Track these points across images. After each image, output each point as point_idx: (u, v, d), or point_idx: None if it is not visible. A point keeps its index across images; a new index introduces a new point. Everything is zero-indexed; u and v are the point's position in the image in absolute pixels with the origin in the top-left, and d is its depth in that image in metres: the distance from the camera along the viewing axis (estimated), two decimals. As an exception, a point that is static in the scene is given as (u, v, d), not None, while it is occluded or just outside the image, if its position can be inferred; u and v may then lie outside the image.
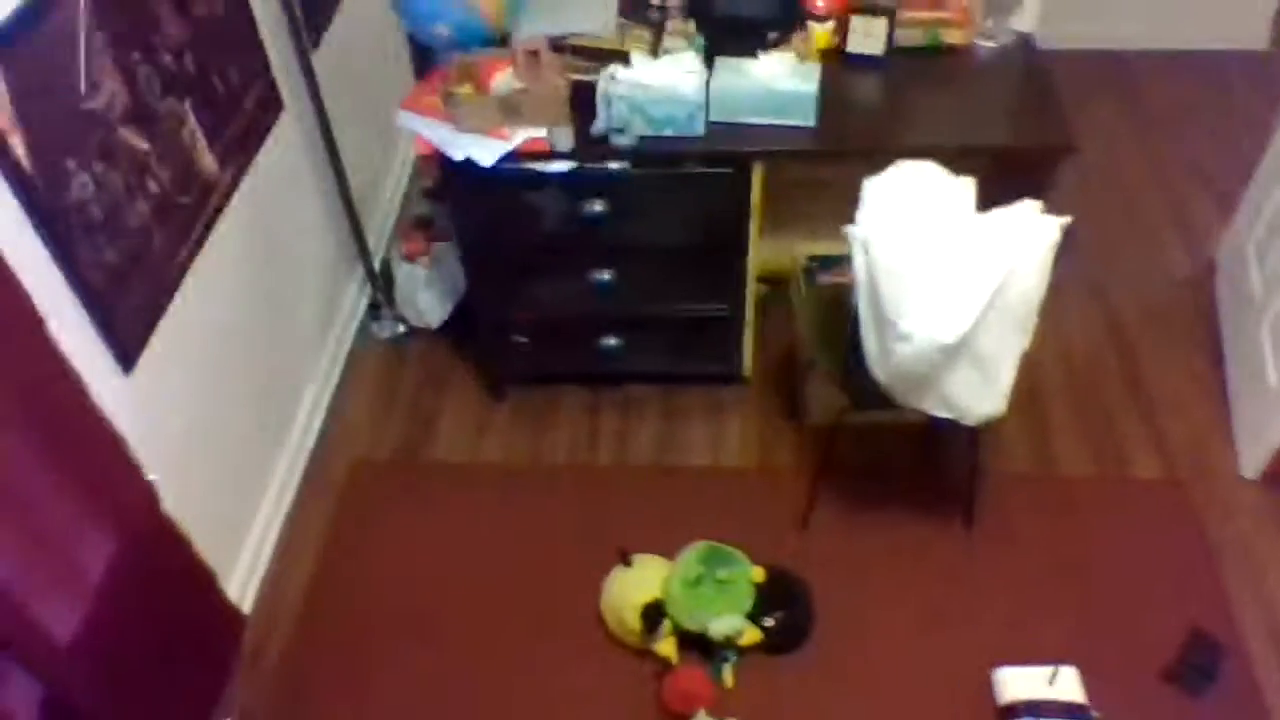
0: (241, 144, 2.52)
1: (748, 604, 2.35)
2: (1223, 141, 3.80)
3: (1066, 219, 1.92)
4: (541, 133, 2.37)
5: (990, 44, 2.67)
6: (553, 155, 2.40)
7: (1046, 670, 2.28)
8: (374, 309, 3.31)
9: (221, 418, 2.48)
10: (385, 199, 3.66)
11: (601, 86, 2.33)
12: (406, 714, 2.35)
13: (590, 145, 2.39)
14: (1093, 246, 3.41)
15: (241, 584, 2.56)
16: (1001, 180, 2.23)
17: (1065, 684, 2.26)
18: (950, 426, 2.27)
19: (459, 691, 2.38)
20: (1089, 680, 2.28)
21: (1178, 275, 3.32)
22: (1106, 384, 2.99)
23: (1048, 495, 2.71)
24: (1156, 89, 4.10)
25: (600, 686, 2.37)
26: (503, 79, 2.35)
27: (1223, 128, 3.87)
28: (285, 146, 2.79)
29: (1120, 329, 3.15)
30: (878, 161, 2.13)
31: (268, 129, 2.68)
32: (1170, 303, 3.22)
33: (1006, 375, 2.07)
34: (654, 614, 2.34)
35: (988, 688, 2.31)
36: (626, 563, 2.45)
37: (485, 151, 2.34)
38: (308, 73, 2.79)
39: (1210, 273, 3.27)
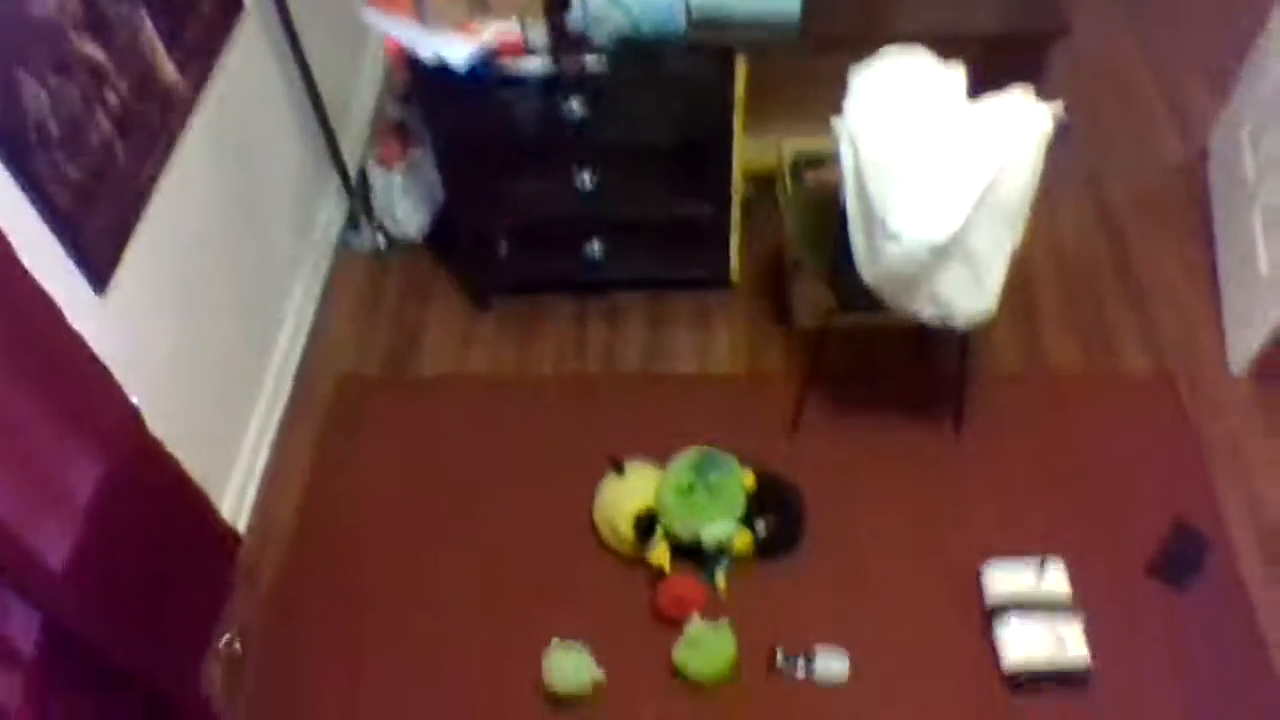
0: (202, 49, 2.41)
1: (739, 509, 2.36)
2: (1217, 24, 3.69)
3: (1059, 107, 1.86)
4: (514, 28, 2.27)
5: (983, -75, 2.55)
6: (527, 53, 2.30)
7: (1034, 565, 2.31)
8: (353, 220, 3.23)
9: (203, 336, 2.44)
10: (359, 103, 3.53)
11: (576, -22, 2.23)
12: (401, 623, 2.38)
13: (566, 42, 2.30)
14: (1085, 134, 3.34)
15: (234, 503, 2.55)
16: (994, 67, 2.16)
17: (1052, 579, 2.30)
18: (940, 327, 2.24)
19: (451, 601, 2.41)
20: (1076, 575, 2.31)
21: (1171, 162, 3.26)
22: (1097, 275, 2.97)
23: (1037, 393, 2.71)
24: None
25: (596, 595, 2.40)
26: (472, -27, 2.24)
27: (1217, 11, 3.75)
28: (248, 51, 2.67)
29: (1112, 217, 3.11)
30: (865, 51, 2.05)
31: (229, 32, 2.55)
32: (1163, 190, 3.17)
33: (997, 273, 2.03)
34: (646, 522, 2.35)
35: (977, 586, 2.35)
36: (619, 470, 2.45)
37: (456, 51, 2.24)
38: (267, -31, 2.65)
39: (1204, 159, 3.21)
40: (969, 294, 2.06)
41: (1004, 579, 2.31)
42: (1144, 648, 2.25)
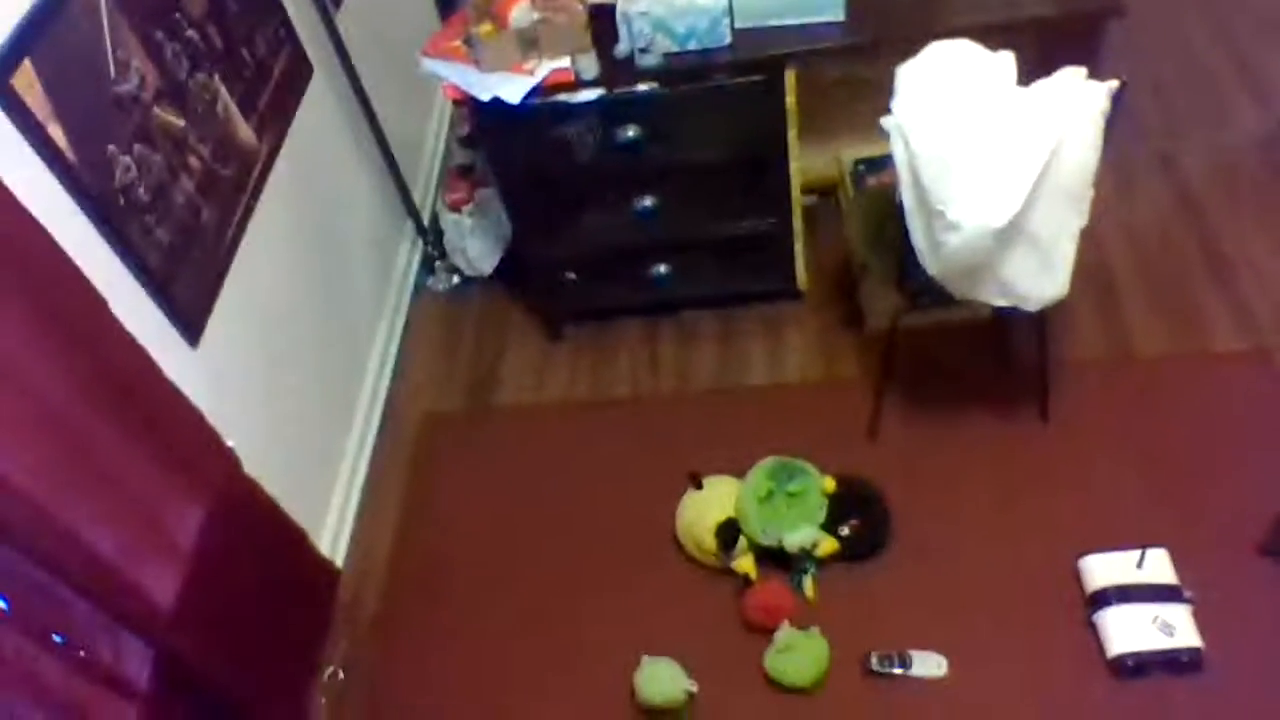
0: (276, 111, 2.54)
1: (821, 514, 2.35)
2: (1291, -12, 3.57)
3: (1113, 83, 1.83)
4: (565, 63, 2.34)
5: (1025, -89, 2.53)
6: (580, 85, 2.37)
7: (1134, 554, 2.24)
8: (428, 262, 3.35)
9: (292, 381, 2.55)
10: (427, 151, 3.67)
11: (620, 7, 2.29)
12: (498, 649, 2.43)
13: (616, 70, 2.36)
14: (1155, 115, 3.25)
15: (331, 539, 2.65)
16: (1046, 55, 2.13)
17: (1154, 566, 2.22)
18: (1016, 316, 2.21)
19: (542, 622, 2.45)
20: (1181, 561, 2.22)
21: (1249, 135, 3.14)
22: (1180, 256, 2.87)
23: (1125, 377, 2.63)
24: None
25: (684, 608, 2.40)
26: (520, 12, 2.32)
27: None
28: (320, 110, 2.81)
29: (1191, 197, 3.01)
30: (914, 51, 2.05)
31: (300, 94, 2.69)
32: (1242, 165, 3.06)
33: (1065, 255, 1.99)
34: (729, 532, 2.36)
35: (1075, 578, 2.28)
36: (698, 485, 2.47)
37: (511, 89, 2.32)
38: (333, 34, 2.79)
39: (1284, 128, 3.10)
40: (1038, 277, 2.03)
41: (1104, 569, 2.23)
42: (1261, 628, 2.15)
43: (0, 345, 1.62)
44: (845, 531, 2.36)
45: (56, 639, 1.74)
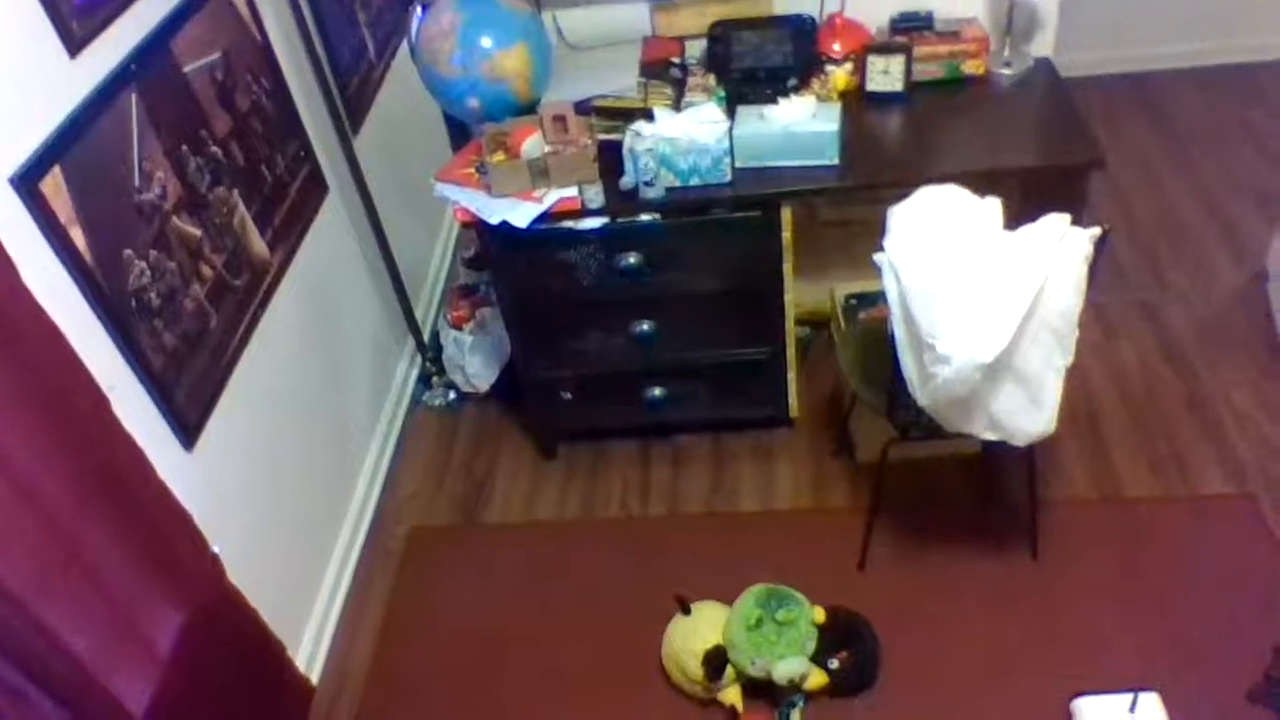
0: (290, 227, 2.63)
1: (810, 645, 2.32)
2: (1261, 150, 3.76)
3: (1096, 230, 1.91)
4: (573, 192, 2.44)
5: (1009, 72, 2.70)
6: (585, 213, 2.46)
7: (1126, 697, 2.20)
8: (425, 377, 3.39)
9: (282, 490, 2.55)
10: (432, 270, 3.77)
11: (627, 143, 2.40)
12: (475, 776, 2.35)
13: (620, 200, 2.46)
14: (1137, 266, 3.38)
15: (309, 653, 2.59)
16: (1032, 203, 2.24)
17: (1147, 710, 2.18)
18: (1005, 452, 2.24)
19: (526, 750, 2.38)
20: (1172, 706, 2.19)
21: (1228, 287, 3.26)
22: (1165, 402, 2.93)
23: (1115, 519, 2.64)
24: (1186, 106, 4.08)
25: (667, 738, 2.34)
26: (532, 144, 2.43)
27: (1259, 137, 3.83)
28: (332, 227, 2.91)
29: (1173, 345, 3.09)
30: (905, 194, 2.15)
31: (314, 212, 2.79)
32: (1222, 315, 3.16)
33: (1052, 392, 2.04)
34: (716, 660, 2.32)
35: (1067, 719, 2.24)
36: (685, 610, 2.44)
37: (519, 214, 2.41)
38: (350, 157, 2.91)
39: (1262, 281, 3.20)
40: (1026, 413, 2.07)
41: (1096, 713, 2.19)
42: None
43: None
44: (834, 665, 2.32)
45: (21, 743, 1.69)
